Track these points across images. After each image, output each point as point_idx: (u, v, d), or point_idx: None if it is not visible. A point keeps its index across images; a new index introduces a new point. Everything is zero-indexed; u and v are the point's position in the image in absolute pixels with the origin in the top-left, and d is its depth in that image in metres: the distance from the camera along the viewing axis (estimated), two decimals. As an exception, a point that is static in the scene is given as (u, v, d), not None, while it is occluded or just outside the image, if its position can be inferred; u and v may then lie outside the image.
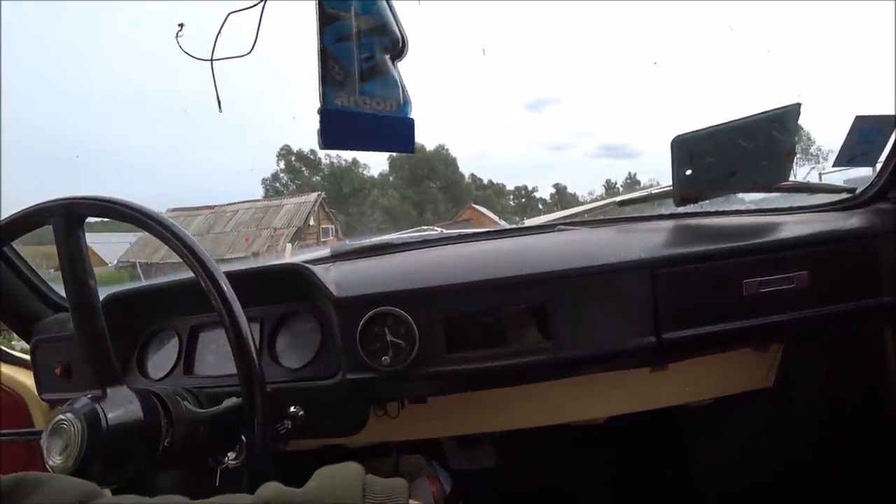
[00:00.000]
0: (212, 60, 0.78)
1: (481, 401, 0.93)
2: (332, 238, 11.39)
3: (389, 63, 0.72)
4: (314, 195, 12.38)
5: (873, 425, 0.94)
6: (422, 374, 0.74)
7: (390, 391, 0.82)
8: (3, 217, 0.65)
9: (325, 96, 0.68)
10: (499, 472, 1.28)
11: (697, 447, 1.15)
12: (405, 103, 0.74)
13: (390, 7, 0.71)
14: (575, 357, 0.74)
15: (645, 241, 0.79)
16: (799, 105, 0.83)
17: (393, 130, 0.74)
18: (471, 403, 0.94)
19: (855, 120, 0.83)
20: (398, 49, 0.73)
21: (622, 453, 1.30)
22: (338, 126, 0.69)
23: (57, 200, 0.60)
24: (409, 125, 0.75)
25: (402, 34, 0.72)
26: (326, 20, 0.67)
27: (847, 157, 0.86)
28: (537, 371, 0.78)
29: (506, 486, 1.35)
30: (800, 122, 0.83)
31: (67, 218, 0.60)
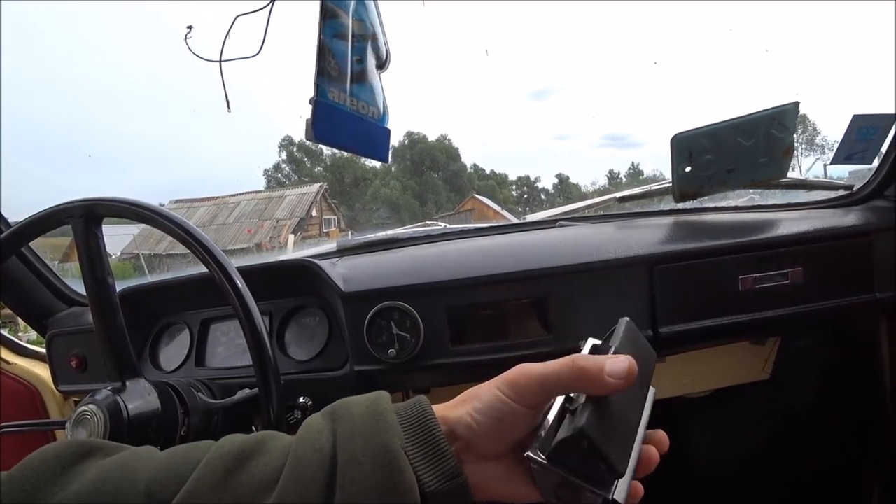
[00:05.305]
0: (220, 62, 0.80)
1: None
2: (334, 229, 11.39)
3: (375, 72, 0.75)
4: (316, 186, 12.32)
5: (866, 418, 0.96)
6: (426, 365, 0.76)
7: (396, 382, 0.85)
8: (23, 217, 0.67)
9: (319, 88, 0.69)
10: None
11: (693, 437, 1.18)
12: (384, 113, 0.77)
13: (380, 20, 0.74)
14: (575, 349, 0.76)
15: (643, 237, 0.81)
16: (797, 103, 0.84)
17: (374, 136, 0.77)
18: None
19: (852, 119, 0.85)
20: (383, 61, 0.76)
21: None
22: (328, 120, 0.71)
23: (76, 201, 0.62)
24: (387, 135, 0.79)
25: (387, 49, 0.76)
26: (326, 14, 0.69)
27: (844, 154, 0.88)
28: (538, 363, 0.80)
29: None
30: (805, 113, 0.84)
31: (86, 219, 0.62)
